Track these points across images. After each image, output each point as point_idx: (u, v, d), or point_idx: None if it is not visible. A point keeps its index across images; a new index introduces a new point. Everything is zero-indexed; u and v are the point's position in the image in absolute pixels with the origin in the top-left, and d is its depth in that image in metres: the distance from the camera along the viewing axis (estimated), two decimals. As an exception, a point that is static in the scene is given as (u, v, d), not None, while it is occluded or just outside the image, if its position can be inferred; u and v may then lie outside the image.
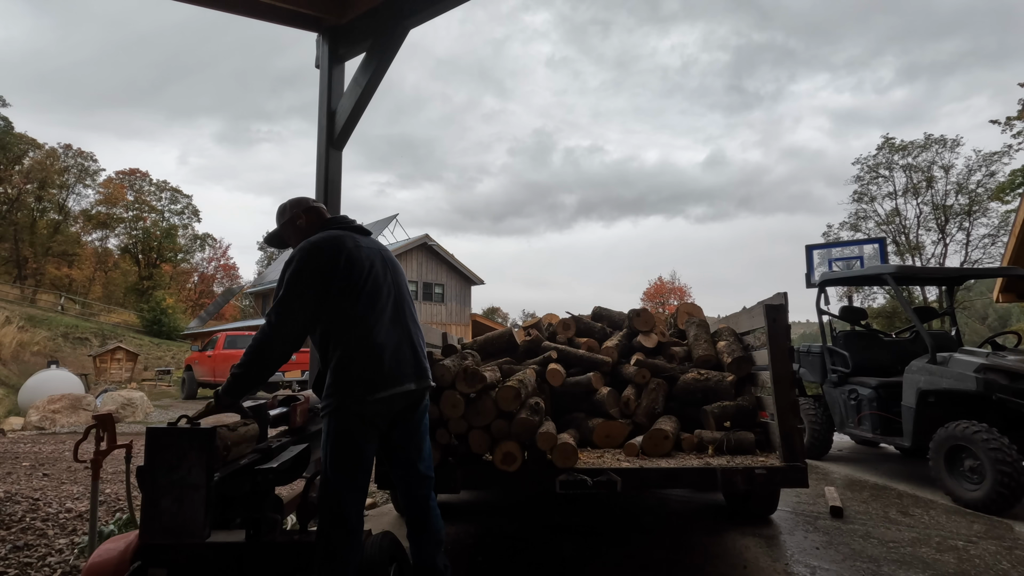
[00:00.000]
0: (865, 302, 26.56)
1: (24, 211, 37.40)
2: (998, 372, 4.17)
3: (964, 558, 3.20)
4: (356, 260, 2.14)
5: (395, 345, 2.16)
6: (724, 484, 2.84)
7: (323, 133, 4.41)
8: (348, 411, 2.06)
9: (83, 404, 9.53)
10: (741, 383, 3.65)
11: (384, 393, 2.08)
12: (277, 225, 2.42)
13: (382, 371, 2.09)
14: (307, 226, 2.32)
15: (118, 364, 20.04)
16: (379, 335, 2.11)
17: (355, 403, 2.05)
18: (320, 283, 2.07)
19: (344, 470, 2.06)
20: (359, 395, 2.05)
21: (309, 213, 2.35)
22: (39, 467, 5.48)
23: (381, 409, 2.11)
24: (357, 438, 2.08)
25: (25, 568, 2.91)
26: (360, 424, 2.08)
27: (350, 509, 2.06)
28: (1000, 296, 10.37)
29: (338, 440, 2.06)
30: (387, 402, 2.10)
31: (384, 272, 2.25)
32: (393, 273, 2.31)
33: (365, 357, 2.08)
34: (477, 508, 4.33)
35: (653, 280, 44.15)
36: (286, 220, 2.37)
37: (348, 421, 2.07)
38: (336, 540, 2.00)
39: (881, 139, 29.56)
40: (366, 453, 2.11)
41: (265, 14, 4.46)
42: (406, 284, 2.39)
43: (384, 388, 2.08)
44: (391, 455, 2.34)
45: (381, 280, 2.21)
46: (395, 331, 2.19)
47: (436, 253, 28.05)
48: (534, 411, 2.99)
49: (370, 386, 2.06)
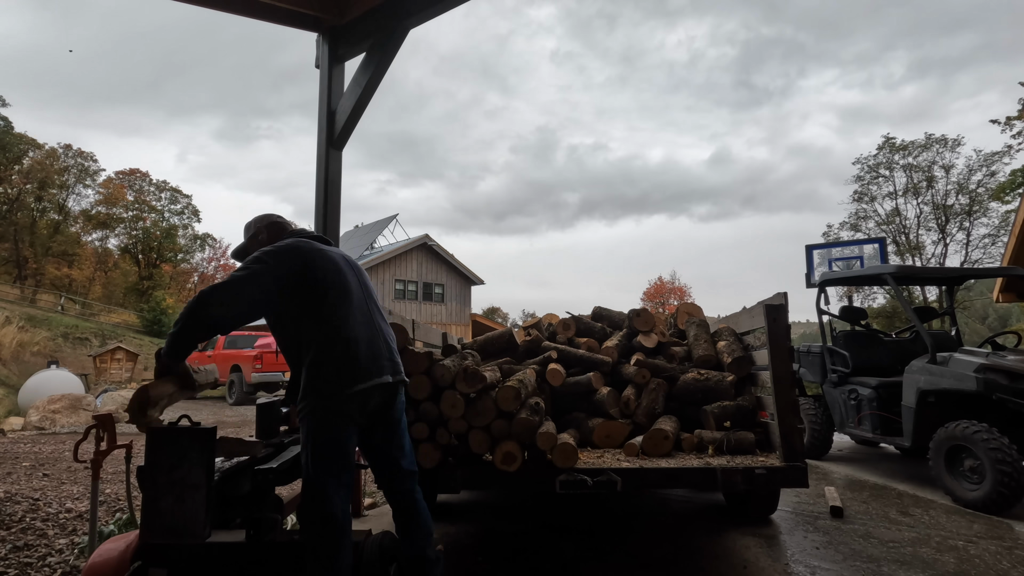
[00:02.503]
0: (865, 302, 26.54)
1: (24, 211, 37.37)
2: (998, 372, 4.17)
3: (964, 558, 3.20)
4: (320, 261, 2.17)
5: (369, 339, 2.19)
6: (724, 484, 2.83)
7: (323, 133, 4.41)
8: (326, 409, 2.05)
9: (83, 404, 9.53)
10: (741, 383, 3.65)
11: (361, 386, 2.08)
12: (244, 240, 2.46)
13: (358, 364, 2.10)
14: (268, 239, 2.37)
15: (118, 364, 20.03)
16: (352, 330, 2.13)
17: (332, 399, 2.05)
18: (277, 270, 2.06)
19: (328, 469, 2.05)
20: (336, 390, 2.05)
21: (271, 227, 2.41)
22: (39, 467, 5.48)
23: (359, 403, 2.10)
24: (338, 435, 2.07)
25: (25, 568, 2.91)
26: (339, 420, 2.07)
27: (338, 508, 2.04)
28: (1000, 296, 10.37)
29: (319, 439, 2.05)
30: (364, 395, 2.10)
31: (350, 273, 2.29)
32: (359, 275, 2.36)
33: (340, 352, 2.08)
34: (477, 508, 4.33)
35: (653, 280, 44.19)
36: (251, 235, 2.44)
37: (328, 418, 2.06)
38: (328, 540, 1.99)
39: (882, 139, 29.57)
40: (348, 450, 2.11)
41: (265, 14, 4.46)
42: (373, 287, 2.44)
43: (361, 381, 2.09)
44: (374, 455, 2.34)
45: (348, 280, 2.24)
46: (367, 326, 2.21)
47: (436, 253, 28.04)
48: (534, 411, 2.99)
49: (347, 380, 2.07)
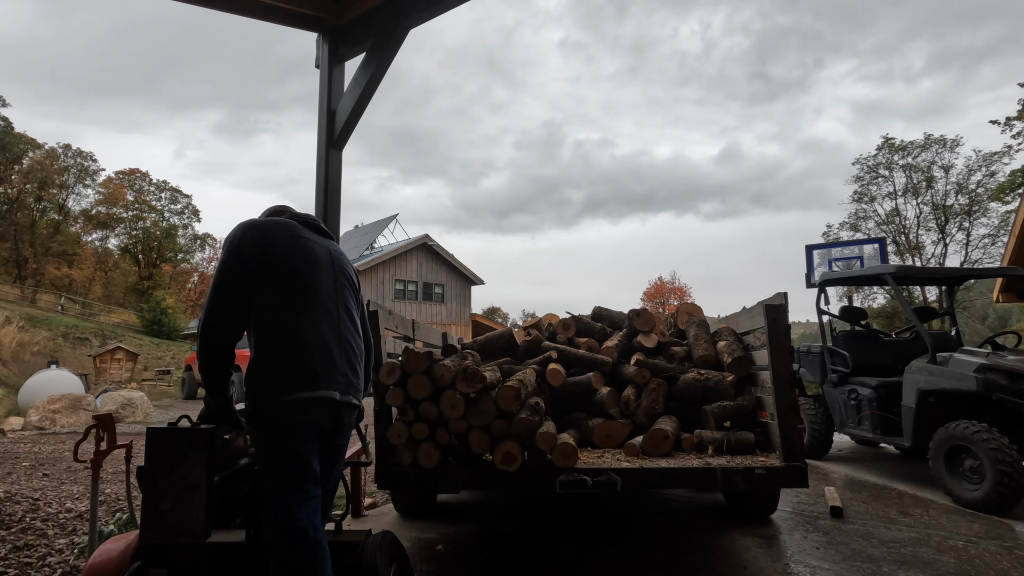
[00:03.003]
0: (865, 302, 26.56)
1: (24, 211, 37.38)
2: (998, 372, 4.17)
3: (964, 558, 3.20)
4: (288, 246, 1.97)
5: (323, 344, 1.93)
6: (724, 484, 2.83)
7: (323, 133, 4.41)
8: (265, 416, 1.85)
9: (83, 404, 9.53)
10: (741, 383, 3.65)
11: (300, 395, 1.85)
12: None
13: (301, 370, 1.87)
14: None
15: (118, 364, 20.05)
16: (303, 329, 1.90)
17: (267, 405, 1.85)
18: (238, 266, 1.91)
19: (282, 482, 1.83)
20: (271, 395, 1.84)
21: (264, 212, 2.24)
22: (39, 467, 5.48)
23: (296, 416, 1.85)
24: (284, 444, 1.84)
25: (25, 568, 2.91)
26: (280, 429, 1.84)
27: (306, 520, 1.81)
28: (1000, 296, 10.38)
29: (270, 448, 1.85)
30: (300, 407, 1.85)
31: (330, 271, 2.07)
32: (342, 277, 2.13)
33: (283, 350, 1.87)
34: (477, 508, 4.33)
35: (654, 280, 44.21)
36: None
37: (267, 427, 1.85)
38: (300, 558, 1.78)
39: (881, 139, 29.57)
40: (302, 459, 1.85)
41: (265, 14, 4.46)
42: (357, 294, 2.21)
43: (301, 390, 1.85)
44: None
45: (318, 274, 2.01)
46: (327, 332, 1.96)
47: (436, 253, 28.05)
48: (534, 411, 2.99)
49: (285, 386, 1.84)
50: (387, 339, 3.36)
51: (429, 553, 3.31)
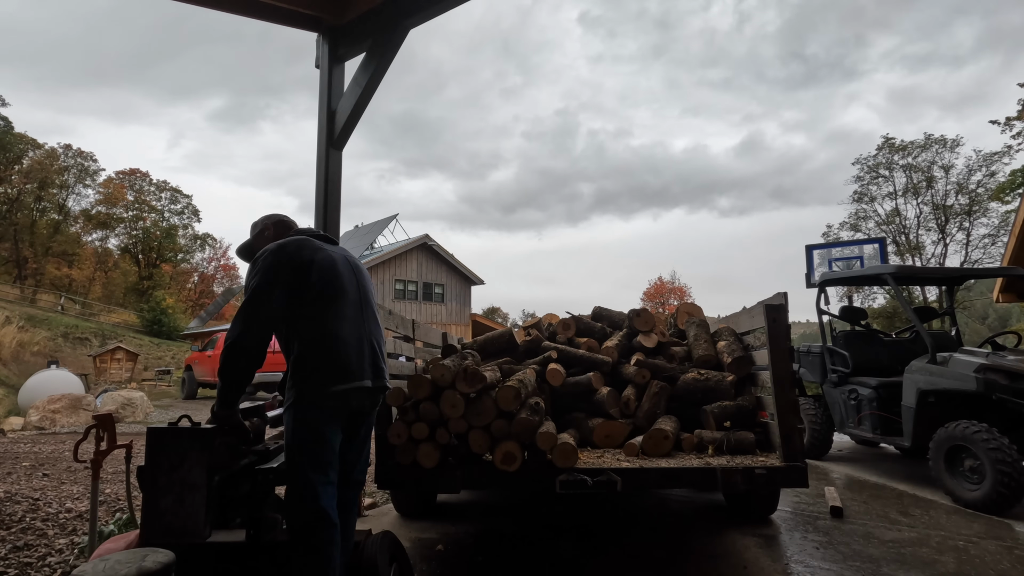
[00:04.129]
0: (865, 302, 26.56)
1: (24, 211, 37.39)
2: (998, 372, 4.17)
3: (964, 558, 3.20)
4: (319, 261, 2.18)
5: (356, 342, 2.18)
6: (724, 484, 2.83)
7: (323, 133, 4.42)
8: (310, 405, 2.05)
9: (83, 404, 9.53)
10: (741, 383, 3.65)
11: (342, 386, 2.08)
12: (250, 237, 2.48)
13: (341, 365, 2.10)
14: (273, 236, 2.38)
15: (118, 364, 20.05)
16: (340, 330, 2.13)
17: (313, 396, 2.05)
18: (284, 278, 2.08)
19: (313, 465, 2.03)
20: (316, 387, 2.05)
21: (277, 225, 2.43)
22: (39, 467, 5.48)
23: (339, 403, 2.10)
24: (320, 431, 2.06)
25: (25, 568, 2.91)
26: (321, 417, 2.06)
27: (328, 503, 2.02)
28: (1000, 296, 10.37)
29: (301, 436, 2.04)
30: (343, 396, 2.09)
31: (350, 275, 2.29)
32: (359, 277, 2.36)
33: (324, 350, 2.09)
34: (477, 508, 4.33)
35: (653, 280, 44.25)
36: (257, 232, 2.45)
37: (309, 415, 2.06)
38: (320, 538, 1.96)
39: (881, 139, 29.58)
40: (332, 447, 2.09)
41: (265, 14, 4.46)
42: (372, 291, 2.45)
43: (342, 381, 2.09)
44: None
45: (345, 281, 2.24)
46: (357, 330, 2.21)
47: (436, 253, 28.06)
48: (534, 411, 2.99)
49: (329, 379, 2.07)
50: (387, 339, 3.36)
51: (429, 553, 3.31)
